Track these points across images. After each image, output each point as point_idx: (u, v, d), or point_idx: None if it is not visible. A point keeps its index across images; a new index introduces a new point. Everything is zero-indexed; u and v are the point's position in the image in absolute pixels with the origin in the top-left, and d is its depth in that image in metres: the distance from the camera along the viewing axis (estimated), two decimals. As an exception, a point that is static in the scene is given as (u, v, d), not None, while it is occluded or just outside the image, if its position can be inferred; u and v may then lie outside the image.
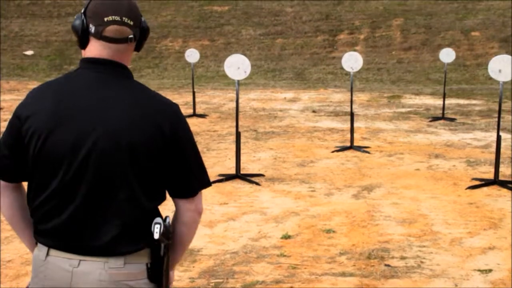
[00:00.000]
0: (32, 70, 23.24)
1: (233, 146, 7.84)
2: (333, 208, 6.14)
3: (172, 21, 27.00)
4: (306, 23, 25.86)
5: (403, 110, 13.62)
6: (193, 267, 4.61)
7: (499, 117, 7.10)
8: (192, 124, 10.44)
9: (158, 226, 1.90)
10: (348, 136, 9.40)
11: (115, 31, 1.92)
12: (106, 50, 1.94)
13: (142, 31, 2.01)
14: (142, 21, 2.01)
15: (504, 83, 7.15)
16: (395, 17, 25.44)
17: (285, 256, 4.83)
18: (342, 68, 10.18)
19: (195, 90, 13.49)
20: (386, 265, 4.63)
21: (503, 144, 7.73)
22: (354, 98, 11.52)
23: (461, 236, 5.30)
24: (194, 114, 12.63)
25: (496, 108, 7.53)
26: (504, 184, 6.86)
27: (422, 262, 4.70)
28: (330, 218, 5.82)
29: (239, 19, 26.74)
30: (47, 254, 1.94)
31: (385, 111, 13.47)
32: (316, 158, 8.53)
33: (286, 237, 5.26)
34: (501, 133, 7.17)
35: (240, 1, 28.07)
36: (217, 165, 7.94)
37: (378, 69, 21.85)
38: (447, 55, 12.20)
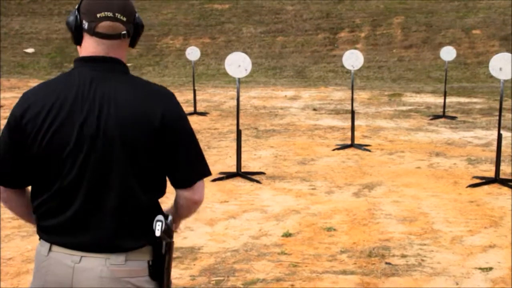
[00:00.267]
0: (33, 68, 23.23)
1: (234, 144, 7.84)
2: (334, 206, 6.14)
3: (173, 19, 26.98)
4: (307, 21, 25.84)
5: (404, 108, 13.62)
6: (194, 265, 4.62)
7: (500, 115, 7.10)
8: (193, 122, 10.44)
9: (160, 224, 1.90)
10: (349, 134, 9.40)
11: (108, 27, 1.93)
12: (100, 46, 1.94)
13: (136, 27, 2.01)
14: (136, 17, 2.00)
15: (505, 81, 7.14)
16: (396, 15, 25.42)
17: (286, 254, 4.83)
18: (343, 66, 10.17)
19: (196, 88, 13.48)
20: (387, 263, 4.63)
21: (504, 142, 7.73)
22: (355, 96, 11.52)
23: (462, 234, 5.30)
24: (195, 112, 12.62)
25: (497, 106, 7.53)
26: (505, 183, 6.86)
27: (423, 260, 4.70)
28: (331, 216, 5.82)
29: (240, 17, 26.72)
30: (50, 250, 1.96)
31: (386, 109, 13.47)
32: (317, 156, 8.53)
33: (287, 235, 5.27)
34: (502, 131, 7.17)
35: (241, -1, 28.07)
36: (218, 163, 7.94)
37: (379, 67, 21.84)
38: (448, 53, 12.19)
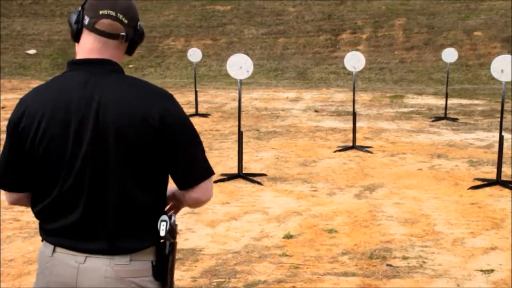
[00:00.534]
0: (35, 69, 23.26)
1: (235, 146, 7.84)
2: (335, 208, 6.14)
3: (175, 20, 27.00)
4: (309, 23, 25.85)
5: (406, 110, 13.61)
6: (195, 267, 4.62)
7: (502, 117, 7.10)
8: (194, 124, 10.35)
9: (164, 224, 1.91)
10: (350, 136, 9.39)
11: (108, 25, 1.93)
12: (96, 44, 1.94)
13: (136, 34, 2.01)
14: (138, 25, 2.01)
15: (507, 83, 7.14)
16: (398, 17, 25.41)
17: (287, 256, 4.83)
18: (345, 68, 10.18)
19: (198, 90, 13.49)
20: (388, 265, 4.63)
21: (506, 144, 7.73)
22: (357, 98, 11.51)
23: (463, 236, 5.30)
24: (197, 114, 12.63)
25: (499, 108, 7.53)
26: (506, 184, 6.86)
27: (424, 262, 4.70)
28: (332, 218, 5.82)
29: (242, 19, 26.73)
30: (54, 251, 1.96)
31: (388, 111, 13.46)
32: (318, 158, 8.52)
33: (288, 237, 5.26)
34: (504, 133, 7.17)
35: (243, 1, 28.05)
36: (219, 165, 7.94)
37: (381, 69, 21.83)
38: (450, 55, 12.18)
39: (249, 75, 7.35)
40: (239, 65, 7.21)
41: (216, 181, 7.00)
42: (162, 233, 1.91)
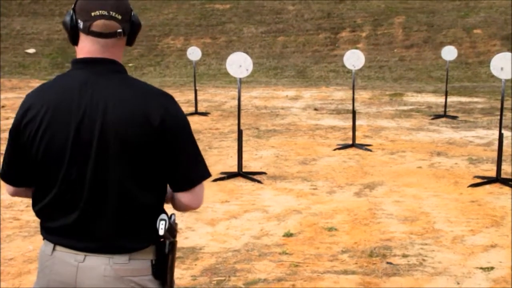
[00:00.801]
0: (34, 68, 23.25)
1: (235, 144, 7.84)
2: (335, 206, 6.14)
3: (174, 19, 26.99)
4: (308, 21, 25.84)
5: (405, 108, 13.61)
6: (195, 265, 4.62)
7: (501, 115, 7.10)
8: (194, 122, 10.41)
9: (163, 223, 1.91)
10: (350, 134, 9.40)
11: (103, 26, 1.92)
12: (96, 45, 1.93)
13: (132, 26, 2.00)
14: (132, 15, 1.99)
15: (506, 81, 7.14)
16: (397, 15, 25.40)
17: (287, 254, 4.83)
18: (344, 66, 10.18)
19: (197, 88, 13.48)
20: (388, 263, 4.63)
21: (505, 142, 7.73)
22: (356, 96, 11.50)
23: (463, 234, 5.30)
24: (196, 112, 12.63)
25: (498, 106, 7.53)
26: (506, 182, 6.86)
27: (424, 260, 4.70)
28: (332, 216, 5.82)
29: (241, 17, 26.72)
30: (54, 249, 1.97)
31: (387, 109, 13.46)
32: (318, 156, 8.53)
33: (288, 235, 5.27)
34: (503, 131, 7.17)
35: (242, -1, 28.07)
36: (219, 163, 7.94)
37: (380, 67, 21.83)
38: (449, 53, 12.18)
39: (249, 74, 7.35)
40: (239, 64, 7.21)
41: (216, 180, 7.00)
42: (161, 232, 1.90)
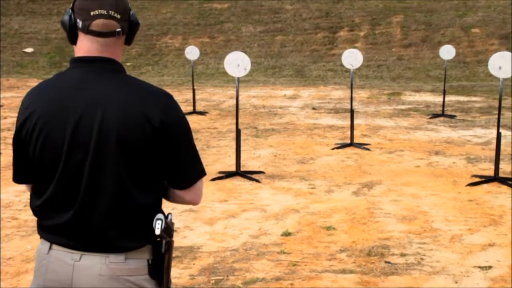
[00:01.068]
0: (32, 68, 23.23)
1: (233, 144, 7.84)
2: (333, 205, 6.14)
3: (172, 18, 26.98)
4: (306, 20, 25.84)
5: (403, 107, 13.62)
6: (193, 264, 4.62)
7: (499, 114, 7.10)
8: (192, 122, 10.38)
9: (160, 222, 1.90)
10: (348, 133, 9.40)
11: (102, 25, 1.91)
12: (95, 45, 1.93)
13: (131, 25, 2.00)
14: (131, 15, 1.99)
15: (504, 80, 7.14)
16: (395, 14, 25.42)
17: (285, 253, 4.83)
18: (342, 65, 10.17)
19: (195, 88, 13.48)
20: (386, 262, 4.63)
21: (503, 141, 7.73)
22: (354, 95, 11.51)
23: (461, 233, 5.30)
24: (194, 112, 12.62)
25: (496, 105, 7.53)
26: (504, 181, 6.87)
27: (422, 259, 4.70)
28: (330, 215, 5.82)
29: (239, 16, 26.72)
30: (50, 248, 1.97)
31: (385, 108, 13.47)
32: (316, 155, 8.53)
33: (286, 234, 5.27)
34: (501, 130, 7.18)
35: (240, -2, 28.06)
36: (217, 163, 7.94)
37: (378, 66, 21.84)
38: (447, 52, 12.19)
39: (247, 73, 7.35)
40: (237, 63, 7.21)
41: (214, 179, 7.00)
42: (158, 232, 1.89)
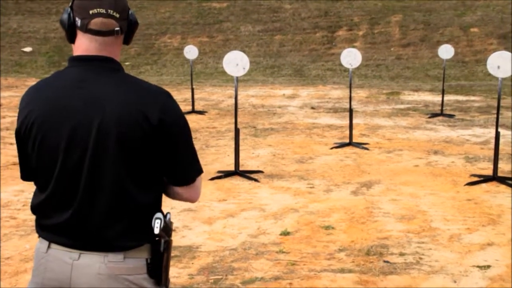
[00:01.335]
0: (31, 67, 23.21)
1: (232, 143, 7.84)
2: (332, 205, 6.14)
3: (171, 18, 26.97)
4: (305, 20, 25.84)
5: (402, 107, 13.62)
6: (192, 264, 4.62)
7: (498, 114, 7.11)
8: (191, 121, 10.38)
9: (159, 221, 1.90)
10: (347, 133, 9.40)
11: (101, 24, 1.91)
12: (93, 44, 1.93)
13: (130, 24, 1.99)
14: (130, 14, 1.99)
15: (503, 79, 7.15)
16: (394, 14, 25.43)
17: (284, 253, 4.83)
18: (341, 65, 10.18)
19: (194, 87, 13.47)
20: (385, 262, 4.63)
21: (502, 141, 7.74)
22: (353, 95, 11.51)
23: (460, 232, 5.31)
24: (193, 111, 12.62)
25: (495, 105, 7.53)
26: (503, 180, 6.87)
27: (421, 258, 4.70)
28: (329, 215, 5.82)
29: (238, 16, 26.72)
30: (48, 247, 1.97)
31: (384, 108, 13.47)
32: (315, 155, 8.53)
33: (285, 234, 5.27)
34: (500, 130, 7.18)
35: (239, -2, 28.06)
36: (216, 162, 7.93)
37: (377, 66, 21.84)
38: (446, 52, 12.19)
39: (246, 72, 7.35)
40: (236, 62, 7.20)
41: (213, 178, 7.00)
42: (156, 231, 1.89)
